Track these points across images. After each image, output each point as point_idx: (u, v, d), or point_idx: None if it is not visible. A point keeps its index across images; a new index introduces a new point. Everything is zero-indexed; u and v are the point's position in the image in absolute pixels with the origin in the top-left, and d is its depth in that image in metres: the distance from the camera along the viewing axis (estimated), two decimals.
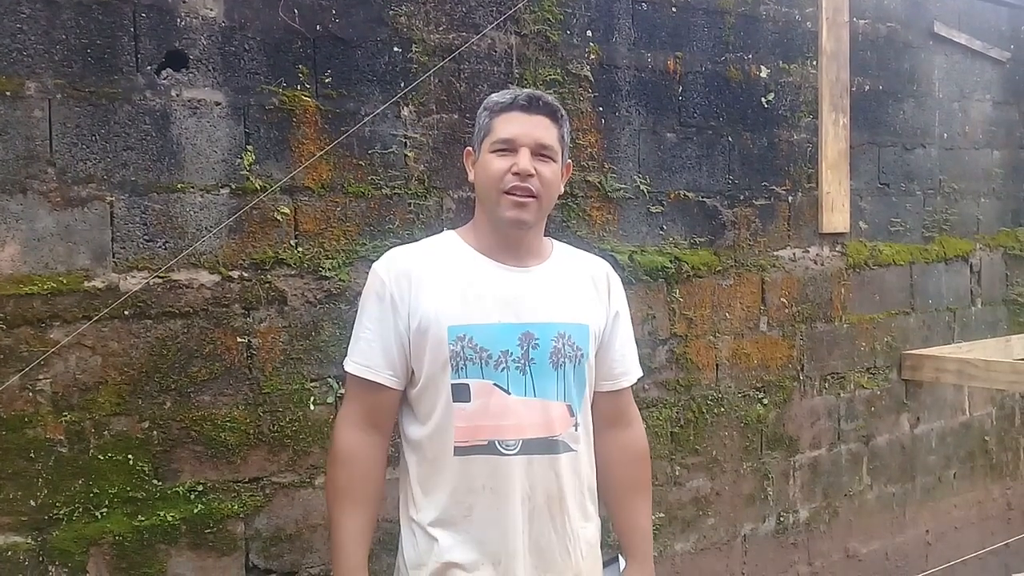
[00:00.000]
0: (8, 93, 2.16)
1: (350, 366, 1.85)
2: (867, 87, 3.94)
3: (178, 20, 2.37)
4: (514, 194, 1.75)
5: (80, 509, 2.26)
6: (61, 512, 2.23)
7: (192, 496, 2.40)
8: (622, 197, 3.19)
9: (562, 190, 1.89)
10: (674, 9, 3.31)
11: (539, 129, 1.77)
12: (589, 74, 3.09)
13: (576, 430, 1.83)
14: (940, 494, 4.31)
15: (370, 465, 1.85)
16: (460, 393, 1.74)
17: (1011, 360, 4.05)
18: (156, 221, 2.36)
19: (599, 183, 3.12)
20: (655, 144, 3.28)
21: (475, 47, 2.84)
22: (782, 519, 3.69)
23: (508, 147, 1.76)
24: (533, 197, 1.76)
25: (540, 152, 1.77)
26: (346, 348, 2.62)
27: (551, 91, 2.97)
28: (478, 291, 1.78)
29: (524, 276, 1.83)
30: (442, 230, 2.08)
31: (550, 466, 1.79)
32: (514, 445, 1.75)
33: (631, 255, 3.20)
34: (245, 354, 2.48)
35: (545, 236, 1.98)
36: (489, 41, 2.88)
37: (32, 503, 2.20)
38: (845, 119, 3.79)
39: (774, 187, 3.60)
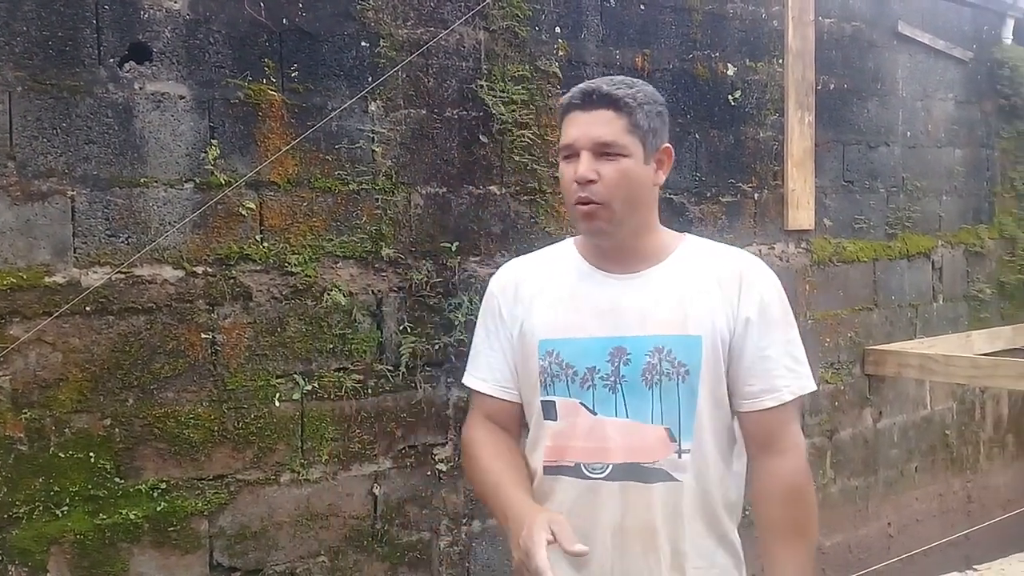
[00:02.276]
0: None
1: (465, 378, 1.79)
2: (832, 85, 3.98)
3: (141, 12, 2.34)
4: (581, 204, 1.55)
5: (40, 507, 2.23)
6: (21, 511, 2.20)
7: (155, 494, 2.37)
8: None
9: (661, 180, 1.62)
10: (642, 6, 3.32)
11: (597, 126, 1.53)
12: (558, 70, 3.09)
13: (681, 457, 1.58)
14: (902, 487, 4.38)
15: (501, 442, 1.69)
16: (548, 411, 1.63)
17: (971, 355, 4.13)
18: (118, 216, 2.32)
19: None
20: None
21: (443, 42, 2.83)
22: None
23: (571, 152, 1.56)
24: (599, 204, 1.54)
25: (603, 152, 1.53)
26: (312, 345, 2.62)
27: (519, 87, 2.98)
28: (576, 303, 1.63)
29: (627, 283, 1.62)
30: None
31: (641, 495, 1.58)
32: (602, 469, 1.60)
33: None
34: (209, 350, 2.46)
35: (683, 231, 1.76)
36: (457, 36, 2.88)
37: None
38: (811, 117, 3.83)
39: (740, 184, 3.63)
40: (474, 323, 2.84)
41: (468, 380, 1.77)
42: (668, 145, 1.61)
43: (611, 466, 1.59)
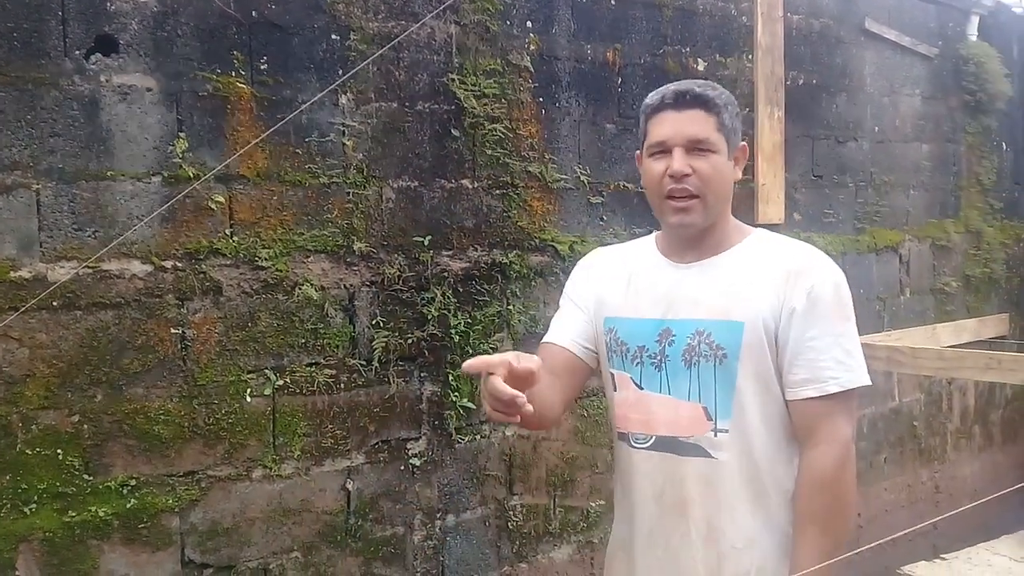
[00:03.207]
0: None
1: (548, 336, 1.88)
2: (801, 81, 4.02)
3: (108, 4, 2.31)
4: (674, 197, 1.66)
5: (8, 505, 2.19)
6: None
7: (125, 491, 2.35)
8: (562, 187, 3.21)
9: (739, 175, 1.75)
10: (613, 2, 3.33)
11: (691, 125, 1.65)
12: (529, 65, 3.10)
13: (718, 436, 1.65)
14: (871, 478, 4.43)
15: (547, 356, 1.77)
16: (611, 382, 1.80)
17: (938, 347, 4.18)
18: (85, 210, 2.30)
19: (540, 173, 3.14)
20: (595, 135, 3.30)
21: (414, 36, 2.82)
22: None
23: (662, 149, 1.67)
24: (695, 197, 1.65)
25: (695, 148, 1.65)
26: (284, 340, 2.61)
27: (491, 81, 2.98)
28: (638, 286, 1.77)
29: (686, 271, 1.73)
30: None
31: (677, 468, 1.68)
32: (645, 440, 1.72)
33: (571, 245, 3.22)
34: (179, 345, 2.43)
35: (755, 225, 1.87)
36: (428, 30, 2.87)
37: None
38: (780, 112, 3.86)
39: None
40: (446, 318, 2.89)
41: (546, 338, 1.87)
42: (744, 144, 1.75)
43: (654, 437, 1.71)
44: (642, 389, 1.72)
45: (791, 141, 3.94)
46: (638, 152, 1.77)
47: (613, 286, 1.81)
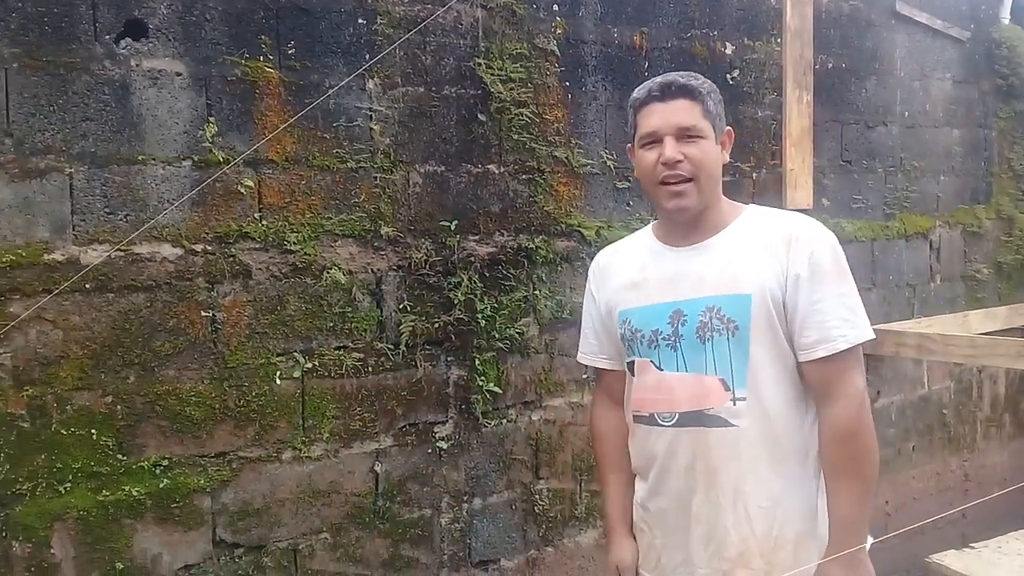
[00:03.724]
0: None
1: (578, 356, 2.08)
2: (830, 65, 3.98)
3: None
4: (668, 183, 1.76)
5: (43, 484, 2.23)
6: (24, 487, 2.21)
7: (157, 471, 2.38)
8: (589, 172, 3.20)
9: (726, 158, 1.85)
10: None
11: (678, 114, 1.76)
12: (556, 49, 3.08)
13: (736, 404, 1.75)
14: (899, 466, 4.39)
15: (618, 440, 1.99)
16: (631, 369, 1.90)
17: (969, 335, 4.14)
18: (117, 193, 2.32)
19: (566, 158, 3.13)
20: (622, 120, 3.28)
21: (441, 19, 2.82)
22: None
23: (653, 139, 1.78)
24: (688, 181, 1.76)
25: (685, 135, 1.75)
26: (312, 323, 2.63)
27: (517, 65, 2.98)
28: (645, 276, 1.87)
29: (688, 254, 1.83)
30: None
31: (703, 439, 1.78)
32: (670, 417, 1.82)
33: (598, 230, 3.21)
34: (210, 328, 2.46)
35: (750, 202, 1.97)
36: (455, 14, 2.87)
37: None
38: (809, 96, 3.82)
39: (738, 164, 3.63)
40: (473, 302, 2.90)
41: (580, 358, 2.07)
42: (729, 128, 1.86)
43: (678, 414, 1.80)
44: (661, 370, 1.82)
45: (819, 126, 3.90)
46: (629, 145, 1.89)
47: (620, 282, 1.92)
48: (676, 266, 1.83)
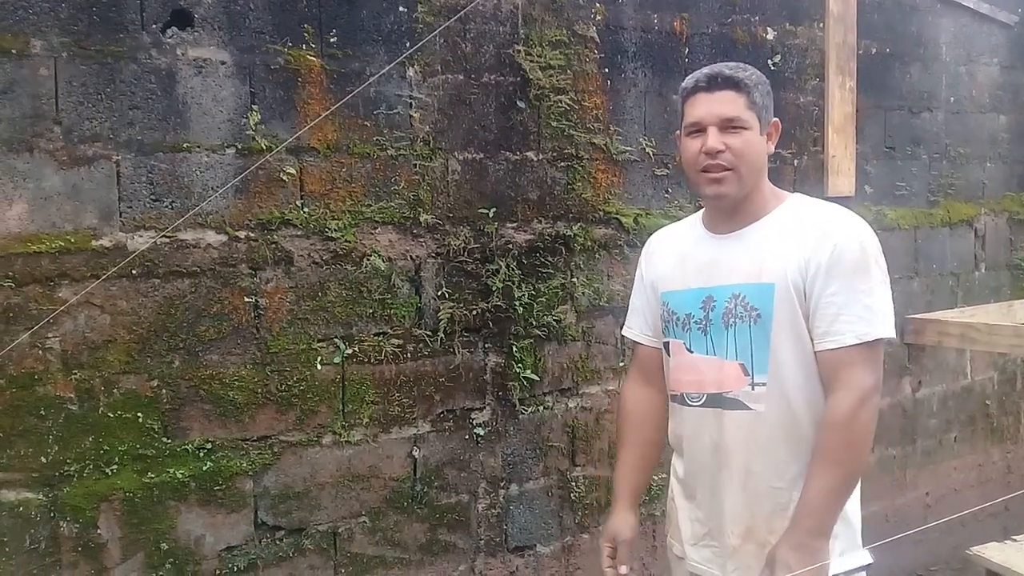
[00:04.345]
0: (14, 51, 2.15)
1: (624, 329, 2.17)
2: (874, 50, 3.91)
3: None
4: (709, 172, 1.82)
5: (91, 466, 2.28)
6: (72, 469, 2.26)
7: (201, 454, 2.42)
8: (627, 159, 3.19)
9: (771, 149, 1.89)
10: None
11: (722, 105, 1.80)
12: (595, 35, 3.07)
13: (755, 390, 1.82)
14: (940, 457, 4.34)
15: (642, 417, 2.07)
16: (667, 349, 1.99)
17: (1014, 324, 4.07)
18: (162, 180, 2.36)
19: (604, 145, 3.12)
20: (661, 106, 3.27)
21: (481, 7, 2.82)
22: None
23: (698, 128, 1.83)
24: (728, 170, 1.81)
25: (728, 126, 1.80)
26: (352, 309, 2.65)
27: (557, 52, 2.97)
28: (685, 261, 1.95)
29: (725, 241, 1.90)
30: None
31: (721, 421, 1.87)
32: (698, 398, 1.90)
33: (636, 218, 3.20)
34: (252, 314, 2.49)
35: (794, 192, 1.99)
36: (495, 1, 2.86)
37: (43, 460, 2.23)
38: (852, 82, 3.76)
39: (779, 150, 3.57)
40: (511, 289, 2.91)
41: (625, 331, 2.16)
42: (776, 119, 1.90)
43: (705, 395, 1.89)
44: (692, 352, 1.90)
45: (863, 112, 3.84)
46: (677, 132, 1.94)
47: (666, 264, 2.00)
48: (713, 252, 1.90)
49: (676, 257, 1.98)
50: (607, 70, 3.12)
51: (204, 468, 2.43)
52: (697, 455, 1.94)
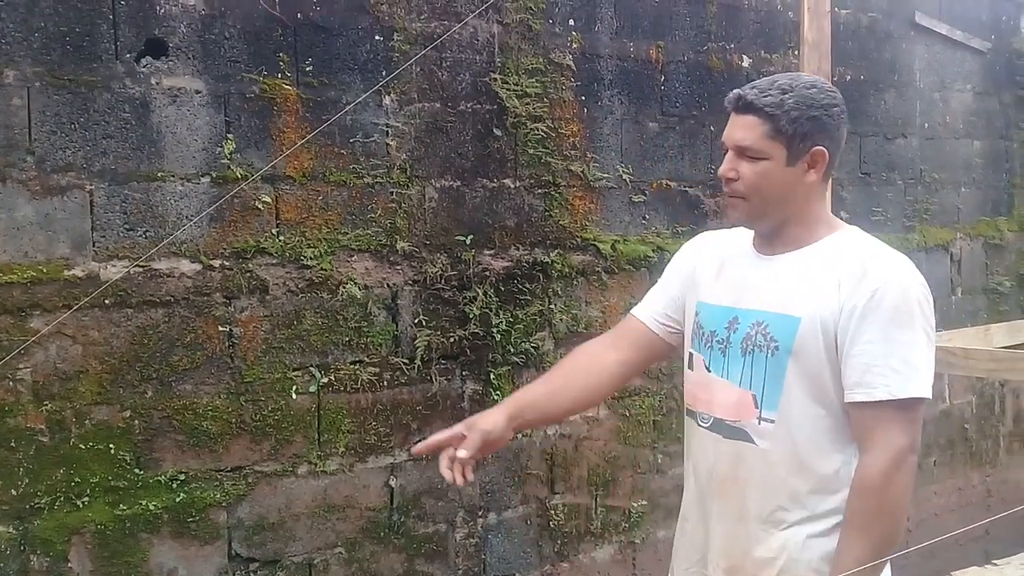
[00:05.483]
0: None
1: (634, 309, 1.98)
2: (849, 77, 3.96)
3: (158, 7, 2.36)
4: (727, 194, 1.74)
5: (62, 498, 2.26)
6: (43, 501, 2.23)
7: (174, 485, 2.40)
8: (604, 186, 3.20)
9: (813, 178, 1.68)
10: None
11: (739, 130, 1.68)
12: (571, 63, 3.09)
13: (761, 424, 1.69)
14: (920, 481, 4.34)
15: (580, 362, 1.94)
16: (689, 361, 1.86)
17: (991, 348, 4.09)
18: (136, 210, 2.35)
19: (581, 172, 3.13)
20: (637, 133, 3.29)
21: (457, 35, 2.84)
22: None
23: (725, 147, 1.73)
24: (740, 198, 1.71)
25: (743, 153, 1.67)
26: (328, 338, 2.64)
27: (533, 80, 2.99)
28: (723, 274, 1.84)
29: (760, 263, 1.78)
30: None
31: (723, 448, 1.76)
32: (707, 419, 1.79)
33: (613, 244, 3.21)
34: (227, 343, 2.48)
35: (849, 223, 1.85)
36: (471, 30, 2.88)
37: (13, 492, 2.20)
38: None
39: None
40: (488, 316, 2.90)
41: (635, 310, 1.97)
42: (821, 148, 1.68)
43: (713, 418, 1.77)
44: (709, 372, 1.79)
45: None
46: None
47: (707, 272, 1.87)
48: (746, 272, 1.79)
49: (716, 266, 1.86)
50: (584, 98, 3.14)
51: (177, 499, 2.40)
52: (698, 477, 1.84)
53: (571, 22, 3.10)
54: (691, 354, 1.85)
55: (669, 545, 3.37)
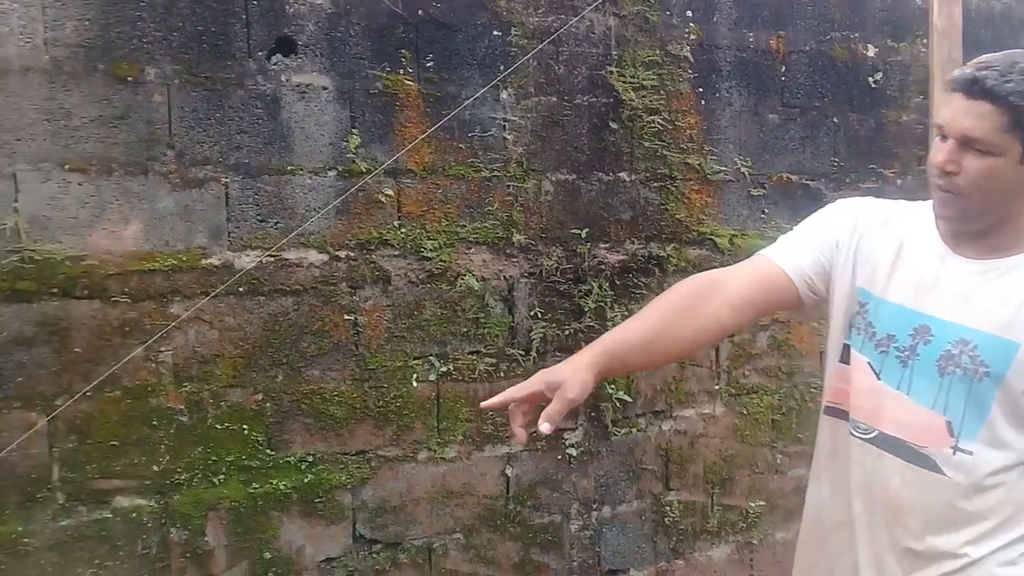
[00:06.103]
0: (130, 79, 2.28)
1: (769, 249, 1.71)
2: None
3: (287, 7, 2.46)
4: (939, 187, 1.50)
5: (199, 475, 2.37)
6: (182, 477, 2.35)
7: (303, 466, 2.49)
8: (722, 180, 3.16)
9: None
10: None
11: (970, 118, 1.43)
12: (689, 55, 3.06)
13: (956, 455, 1.50)
14: None
15: (688, 299, 1.63)
16: (844, 354, 1.65)
17: None
18: (268, 202, 2.45)
19: (698, 165, 3.09)
20: (757, 125, 3.23)
21: (573, 29, 2.85)
22: None
23: (942, 133, 1.49)
24: (956, 194, 1.48)
25: (970, 145, 1.44)
26: (447, 328, 2.68)
27: (650, 72, 2.97)
28: (905, 264, 1.59)
29: (960, 265, 1.54)
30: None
31: (896, 470, 1.56)
32: (867, 430, 1.60)
33: (731, 239, 3.16)
34: (352, 331, 2.56)
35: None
36: (587, 23, 2.89)
37: (155, 468, 2.32)
38: None
39: (881, 170, 3.50)
40: (603, 310, 2.90)
41: (769, 251, 1.70)
42: None
43: (878, 432, 1.58)
44: (879, 380, 1.57)
45: None
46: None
47: (878, 254, 1.62)
48: (940, 272, 1.54)
49: (892, 252, 1.60)
50: (701, 90, 3.10)
51: (305, 480, 2.49)
52: (841, 490, 1.64)
53: (689, 13, 3.07)
54: (846, 346, 1.64)
55: (788, 547, 3.29)
